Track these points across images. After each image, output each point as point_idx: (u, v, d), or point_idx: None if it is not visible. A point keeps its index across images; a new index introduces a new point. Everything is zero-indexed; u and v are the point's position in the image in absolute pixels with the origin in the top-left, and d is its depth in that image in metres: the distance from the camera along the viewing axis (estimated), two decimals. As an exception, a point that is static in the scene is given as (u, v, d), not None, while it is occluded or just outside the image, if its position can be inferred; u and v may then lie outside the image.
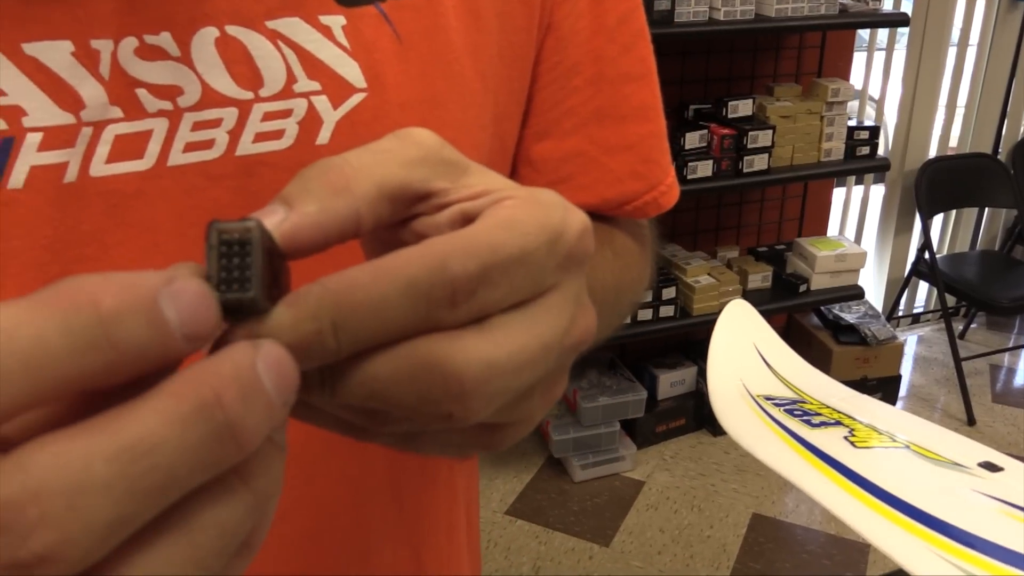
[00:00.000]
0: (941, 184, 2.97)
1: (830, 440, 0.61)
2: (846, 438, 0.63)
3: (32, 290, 0.20)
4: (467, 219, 0.25)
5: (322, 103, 0.39)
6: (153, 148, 0.35)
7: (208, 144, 0.37)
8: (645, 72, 0.52)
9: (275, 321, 0.22)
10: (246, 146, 0.37)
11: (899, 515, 0.51)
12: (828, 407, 0.70)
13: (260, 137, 0.37)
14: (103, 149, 0.35)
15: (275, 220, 0.24)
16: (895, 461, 0.60)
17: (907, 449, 0.62)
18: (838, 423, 0.66)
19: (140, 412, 0.18)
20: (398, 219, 0.26)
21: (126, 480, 0.18)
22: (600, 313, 0.50)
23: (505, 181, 0.27)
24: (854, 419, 0.66)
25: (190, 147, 0.36)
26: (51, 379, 0.18)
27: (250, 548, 0.22)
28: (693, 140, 2.31)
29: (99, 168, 0.35)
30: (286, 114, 0.38)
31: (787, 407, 0.68)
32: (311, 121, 0.38)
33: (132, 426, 0.18)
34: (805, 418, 0.66)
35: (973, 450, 0.61)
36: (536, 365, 0.24)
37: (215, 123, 0.36)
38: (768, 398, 0.69)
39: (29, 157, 0.33)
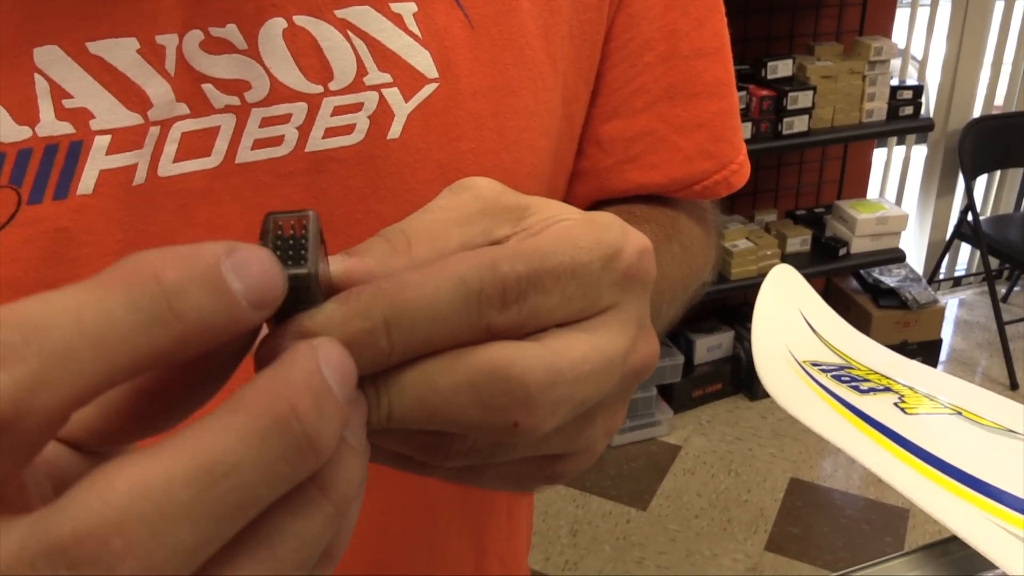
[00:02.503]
0: (986, 144, 2.91)
1: (880, 406, 0.61)
2: (896, 404, 0.62)
3: None
4: None
5: (393, 95, 0.37)
6: (220, 145, 0.35)
7: (277, 140, 0.36)
8: (719, 47, 0.51)
9: (327, 316, 0.21)
10: (316, 142, 0.36)
11: (951, 481, 0.51)
12: (876, 373, 0.69)
13: (330, 132, 0.36)
14: (170, 148, 0.34)
15: (334, 258, 0.24)
16: (946, 427, 0.59)
17: (958, 415, 0.61)
18: (887, 389, 0.65)
19: (216, 431, 0.18)
20: None
21: (207, 503, 0.17)
22: (668, 308, 0.49)
23: (567, 210, 0.26)
24: (902, 384, 0.66)
25: (258, 144, 0.35)
26: (121, 357, 0.18)
27: (331, 557, 0.21)
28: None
29: (167, 168, 0.34)
30: (356, 108, 0.37)
31: (834, 373, 0.68)
32: (382, 115, 0.37)
33: (209, 447, 0.18)
34: (853, 384, 0.66)
35: (1022, 414, 0.60)
36: (600, 378, 0.24)
37: (284, 119, 0.36)
38: (815, 364, 0.69)
39: (98, 161, 0.33)
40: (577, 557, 2.10)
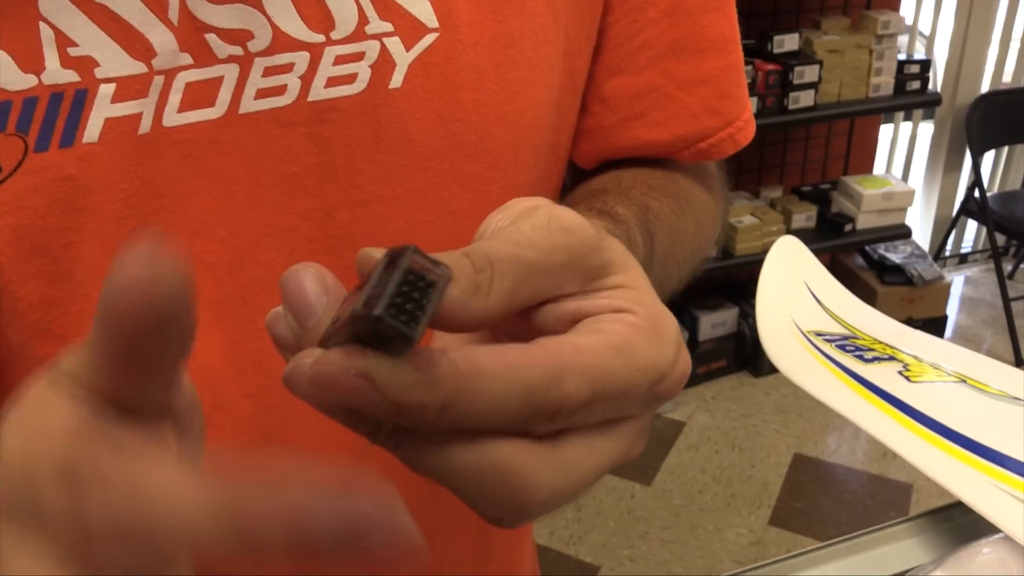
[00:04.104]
0: (993, 120, 2.88)
1: (884, 375, 0.61)
2: (900, 373, 0.62)
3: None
4: (579, 318, 0.26)
5: (395, 45, 0.37)
6: (224, 95, 0.35)
7: (280, 90, 0.36)
8: (723, 2, 0.50)
9: (394, 375, 0.21)
10: (318, 91, 0.36)
11: (956, 447, 0.51)
12: (881, 342, 0.69)
13: (332, 82, 0.37)
14: (175, 98, 0.34)
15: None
16: (950, 395, 0.59)
17: (962, 383, 0.61)
18: (892, 358, 0.65)
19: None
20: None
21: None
22: (675, 283, 0.49)
23: (635, 284, 0.27)
24: (907, 353, 0.66)
25: (261, 93, 0.36)
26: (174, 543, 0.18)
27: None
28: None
29: (172, 118, 0.34)
30: (358, 57, 0.37)
31: (839, 343, 0.67)
32: (384, 64, 0.37)
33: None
34: (858, 353, 0.66)
35: (1029, 383, 0.60)
36: (586, 488, 0.25)
37: (286, 68, 0.36)
38: (819, 334, 0.69)
39: (103, 109, 0.33)
40: (581, 532, 2.11)
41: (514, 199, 0.29)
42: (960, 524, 0.53)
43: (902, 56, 2.49)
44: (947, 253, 3.31)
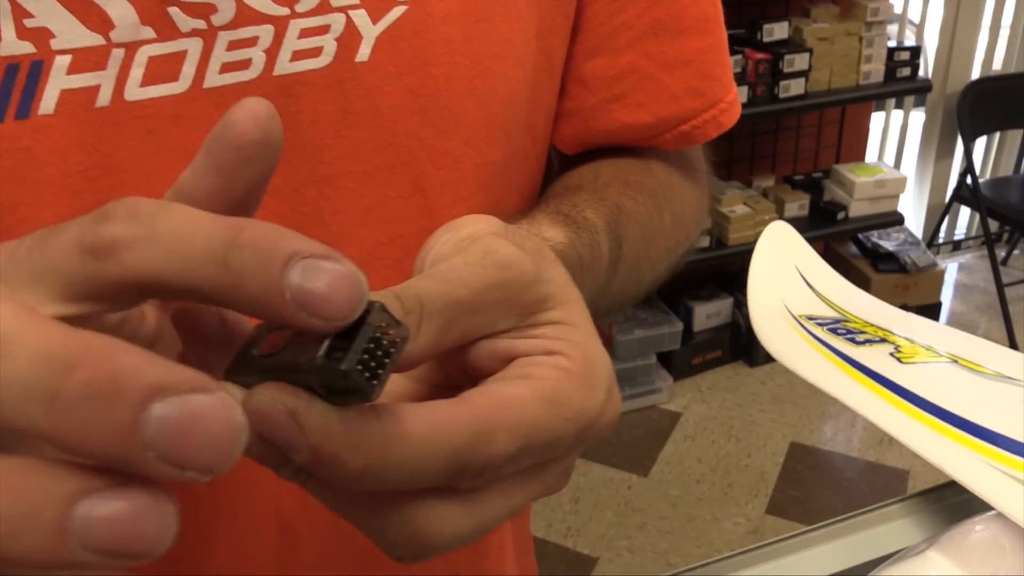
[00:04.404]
0: (985, 106, 2.89)
1: (876, 356, 0.61)
2: (892, 354, 0.62)
3: (68, 219, 0.20)
4: (512, 357, 0.25)
5: (361, 17, 0.37)
6: (188, 70, 0.34)
7: (245, 64, 0.35)
8: None
9: (324, 425, 0.21)
10: (284, 65, 0.36)
11: (948, 427, 0.51)
12: (872, 325, 0.69)
13: (297, 55, 0.36)
14: (137, 72, 0.34)
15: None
16: (942, 375, 0.59)
17: (954, 363, 0.61)
18: (883, 340, 0.65)
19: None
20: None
21: None
22: (649, 279, 0.49)
23: (572, 321, 0.26)
24: (898, 335, 0.66)
25: (226, 68, 0.35)
26: (181, 268, 0.20)
27: None
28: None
29: (134, 92, 0.34)
30: (323, 30, 0.36)
31: (830, 326, 0.67)
32: (350, 37, 0.37)
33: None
34: (849, 336, 0.66)
35: (1021, 362, 0.60)
36: (494, 527, 0.25)
37: (251, 42, 0.35)
38: (811, 318, 0.69)
39: (59, 81, 0.32)
40: (579, 524, 2.11)
41: (462, 218, 0.28)
42: (953, 504, 0.53)
43: (892, 43, 2.48)
44: (940, 240, 3.31)
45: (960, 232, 3.41)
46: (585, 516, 2.13)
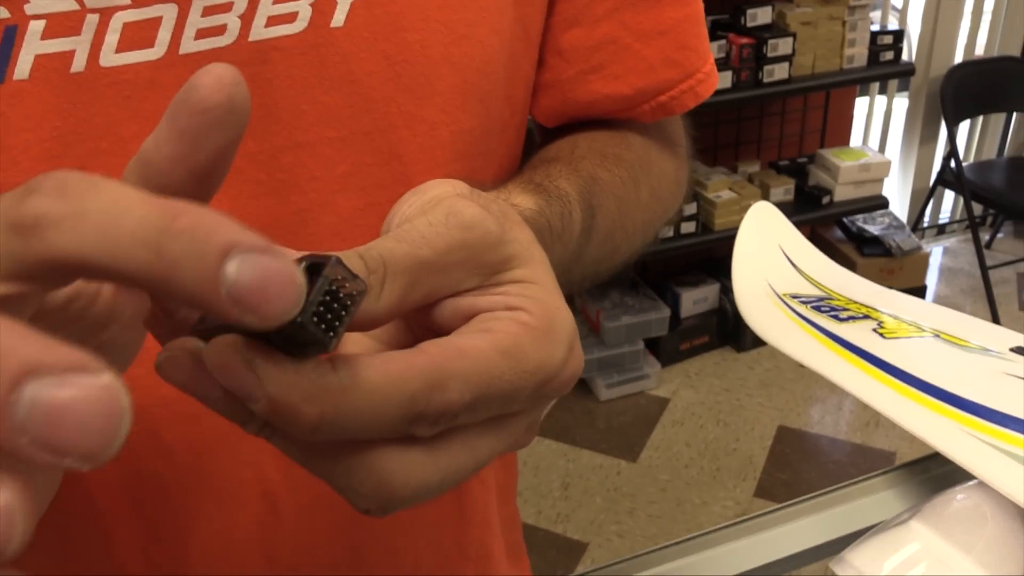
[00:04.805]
0: (968, 90, 2.90)
1: (859, 332, 0.61)
2: (875, 330, 0.62)
3: None
4: (474, 314, 0.26)
5: None
6: (163, 36, 0.34)
7: (220, 30, 0.35)
8: None
9: (283, 379, 0.21)
10: (259, 31, 0.36)
11: (931, 399, 0.51)
12: (855, 302, 0.69)
13: (272, 21, 0.36)
14: (112, 38, 0.34)
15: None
16: (925, 349, 0.59)
17: (936, 338, 0.61)
18: (866, 316, 0.65)
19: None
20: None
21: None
22: (625, 250, 0.49)
23: (535, 279, 0.26)
24: (882, 312, 0.66)
25: (201, 34, 0.35)
26: (109, 251, 0.18)
27: None
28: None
29: (109, 58, 0.34)
30: None
31: (814, 304, 0.68)
32: (325, 3, 0.37)
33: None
34: (833, 313, 0.66)
35: (1004, 336, 0.61)
36: (461, 480, 0.25)
37: (226, 7, 0.35)
38: (795, 296, 0.69)
39: (33, 46, 0.32)
40: (569, 510, 2.11)
41: (429, 182, 0.28)
42: (936, 475, 0.54)
43: (875, 27, 2.49)
44: (925, 224, 3.33)
45: (944, 216, 3.42)
46: (575, 502, 2.14)
